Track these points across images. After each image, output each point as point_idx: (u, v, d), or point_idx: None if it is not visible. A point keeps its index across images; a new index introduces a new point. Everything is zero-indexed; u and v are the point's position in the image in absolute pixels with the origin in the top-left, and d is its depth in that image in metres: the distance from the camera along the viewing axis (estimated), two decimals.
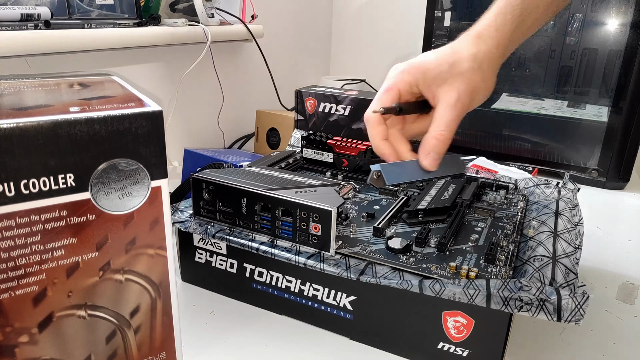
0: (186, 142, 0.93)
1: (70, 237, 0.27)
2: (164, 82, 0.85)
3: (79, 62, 0.70)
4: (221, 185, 0.45)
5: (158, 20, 0.76)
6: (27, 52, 0.57)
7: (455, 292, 0.35)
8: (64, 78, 0.35)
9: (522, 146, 0.94)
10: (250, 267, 0.45)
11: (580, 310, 0.32)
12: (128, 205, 0.29)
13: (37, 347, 0.28)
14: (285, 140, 0.89)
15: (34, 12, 0.58)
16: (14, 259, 0.26)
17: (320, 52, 1.40)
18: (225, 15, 0.90)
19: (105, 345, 0.31)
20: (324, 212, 0.40)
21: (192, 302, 0.47)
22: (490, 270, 0.40)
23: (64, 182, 0.26)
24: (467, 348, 0.38)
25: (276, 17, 1.13)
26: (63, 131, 0.25)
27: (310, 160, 0.64)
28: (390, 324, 0.40)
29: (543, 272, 0.37)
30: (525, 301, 0.33)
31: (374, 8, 1.34)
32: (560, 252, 0.39)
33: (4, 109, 0.26)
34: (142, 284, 0.31)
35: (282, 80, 1.05)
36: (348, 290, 0.41)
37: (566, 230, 0.43)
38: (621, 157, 0.83)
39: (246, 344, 0.42)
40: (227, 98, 0.98)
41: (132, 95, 0.31)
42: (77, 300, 0.29)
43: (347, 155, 0.61)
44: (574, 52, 0.98)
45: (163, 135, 0.29)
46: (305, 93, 0.66)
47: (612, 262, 0.59)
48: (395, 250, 0.42)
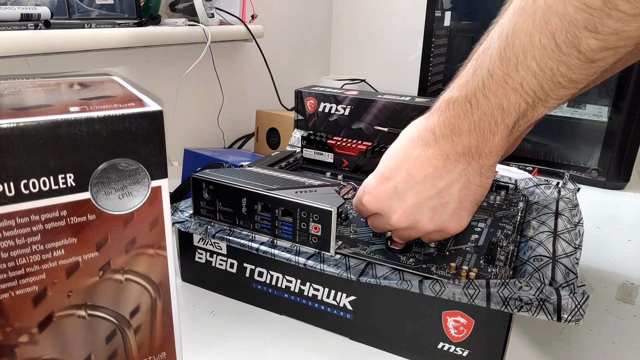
0: (186, 142, 0.93)
1: (70, 237, 0.27)
2: (164, 82, 0.85)
3: (79, 62, 0.70)
4: (221, 185, 0.45)
5: (158, 20, 0.76)
6: (27, 52, 0.57)
7: (455, 292, 0.35)
8: (64, 78, 0.35)
9: (522, 146, 0.94)
10: (250, 267, 0.45)
11: (580, 310, 0.32)
12: (128, 205, 0.29)
13: (37, 347, 0.28)
14: (285, 140, 0.89)
15: (34, 12, 0.57)
16: (14, 259, 0.26)
17: (320, 52, 1.40)
18: (225, 15, 0.90)
19: (105, 345, 0.31)
20: (324, 212, 0.40)
21: (192, 302, 0.47)
22: (490, 270, 0.40)
23: (64, 182, 0.26)
24: (467, 348, 0.38)
25: (276, 17, 1.13)
26: (63, 131, 0.25)
27: (310, 160, 0.64)
28: (390, 324, 0.40)
29: (543, 272, 0.37)
30: (525, 301, 0.33)
31: (374, 8, 1.34)
32: (560, 252, 0.39)
33: (4, 109, 0.26)
34: (142, 284, 0.31)
35: (282, 80, 1.05)
36: (348, 290, 0.41)
37: (566, 231, 0.43)
38: (621, 157, 0.83)
39: (246, 344, 0.42)
40: (227, 98, 0.98)
41: (132, 95, 0.31)
42: (77, 300, 0.29)
43: (347, 156, 0.61)
44: None
45: (163, 135, 0.29)
46: (305, 93, 0.66)
47: (612, 262, 0.59)
48: (395, 251, 0.42)
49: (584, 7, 0.26)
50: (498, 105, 0.32)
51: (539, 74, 0.29)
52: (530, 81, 0.30)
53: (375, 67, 1.35)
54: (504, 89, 0.31)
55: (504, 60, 0.30)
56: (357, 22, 1.38)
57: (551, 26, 0.27)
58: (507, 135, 0.33)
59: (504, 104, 0.32)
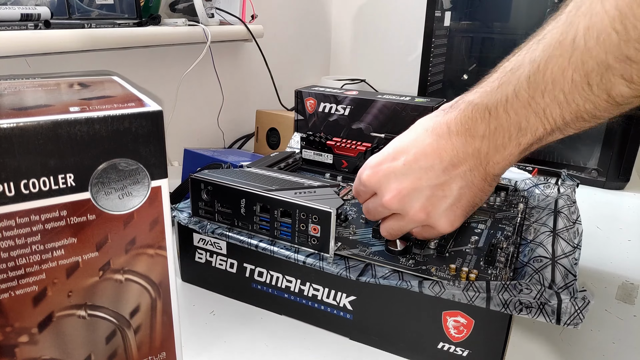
0: (186, 142, 0.93)
1: (70, 237, 0.27)
2: (164, 82, 0.85)
3: (79, 62, 0.70)
4: (220, 186, 0.45)
5: (158, 20, 0.76)
6: (27, 52, 0.57)
7: (455, 294, 0.35)
8: (64, 78, 0.35)
9: None
10: (250, 267, 0.45)
11: (579, 314, 0.32)
12: (128, 205, 0.29)
13: (37, 347, 0.28)
14: (285, 141, 0.89)
15: (34, 12, 0.57)
16: (14, 259, 0.26)
17: (320, 52, 1.40)
18: (225, 15, 0.90)
19: (105, 345, 0.31)
20: (324, 214, 0.40)
21: (192, 302, 0.47)
22: (490, 272, 0.40)
23: (64, 182, 0.26)
24: (467, 348, 0.38)
25: (276, 17, 1.13)
26: (63, 131, 0.25)
27: (309, 161, 0.64)
28: (390, 324, 0.40)
29: (543, 274, 0.37)
30: (525, 304, 0.33)
31: (374, 8, 1.34)
32: (560, 253, 0.39)
33: (4, 109, 0.26)
34: (142, 284, 0.31)
35: (282, 80, 1.05)
36: (348, 290, 0.41)
37: (565, 229, 0.43)
38: (621, 157, 0.83)
39: (246, 344, 0.42)
40: (227, 98, 0.98)
41: (132, 95, 0.31)
42: (77, 300, 0.29)
43: (347, 157, 0.61)
44: None
45: (163, 135, 0.29)
46: (305, 93, 0.66)
47: (612, 262, 0.59)
48: (395, 252, 0.42)
49: (625, 58, 0.26)
50: (516, 122, 0.32)
51: (564, 105, 0.30)
52: (553, 110, 0.30)
53: (375, 67, 1.35)
54: (525, 109, 0.31)
55: (531, 84, 0.31)
56: (357, 22, 1.38)
57: (587, 67, 0.28)
58: (517, 153, 0.33)
59: (523, 123, 0.32)
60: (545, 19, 0.31)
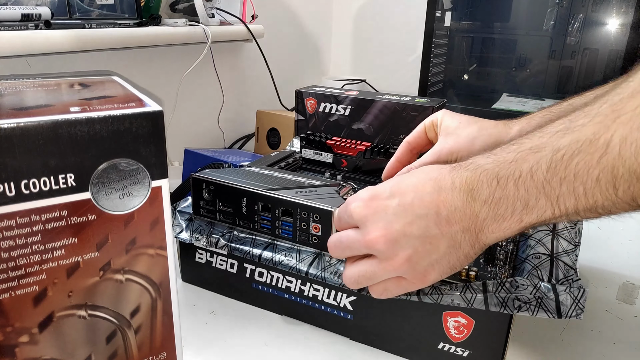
0: (186, 142, 0.93)
1: (71, 237, 0.27)
2: (164, 82, 0.85)
3: (79, 62, 0.70)
4: (221, 185, 0.45)
5: (158, 20, 0.76)
6: (27, 52, 0.57)
7: (453, 299, 0.35)
8: (64, 78, 0.35)
9: None
10: (251, 267, 0.45)
11: (578, 304, 0.32)
12: (128, 205, 0.29)
13: (37, 347, 0.28)
14: (285, 140, 0.89)
15: (34, 12, 0.58)
16: (14, 259, 0.26)
17: (320, 52, 1.40)
18: (225, 15, 0.90)
19: (106, 345, 0.31)
20: (325, 213, 0.40)
21: (192, 302, 0.47)
22: (490, 269, 0.40)
23: (64, 182, 0.26)
24: (467, 348, 0.38)
25: (276, 17, 1.13)
26: (63, 131, 0.25)
27: (309, 161, 0.64)
28: (390, 324, 0.40)
29: (541, 270, 0.37)
30: (523, 300, 0.33)
31: (374, 8, 1.34)
32: (560, 250, 0.39)
33: (4, 109, 0.26)
34: (142, 284, 0.31)
35: (282, 80, 1.05)
36: (348, 291, 0.41)
37: (565, 229, 0.43)
38: None
39: (246, 344, 0.42)
40: (227, 98, 0.98)
41: (132, 95, 0.31)
42: (78, 300, 0.29)
43: (347, 156, 0.61)
44: (574, 52, 0.98)
45: (163, 135, 0.29)
46: (306, 93, 0.66)
47: (612, 262, 0.59)
48: None
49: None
50: (525, 199, 0.31)
51: (581, 198, 0.28)
52: (568, 199, 0.29)
53: (376, 67, 1.35)
54: (538, 190, 0.30)
55: (550, 170, 0.29)
56: (357, 22, 1.38)
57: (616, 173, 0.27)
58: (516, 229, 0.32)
59: (531, 202, 0.30)
60: (546, 19, 0.31)
